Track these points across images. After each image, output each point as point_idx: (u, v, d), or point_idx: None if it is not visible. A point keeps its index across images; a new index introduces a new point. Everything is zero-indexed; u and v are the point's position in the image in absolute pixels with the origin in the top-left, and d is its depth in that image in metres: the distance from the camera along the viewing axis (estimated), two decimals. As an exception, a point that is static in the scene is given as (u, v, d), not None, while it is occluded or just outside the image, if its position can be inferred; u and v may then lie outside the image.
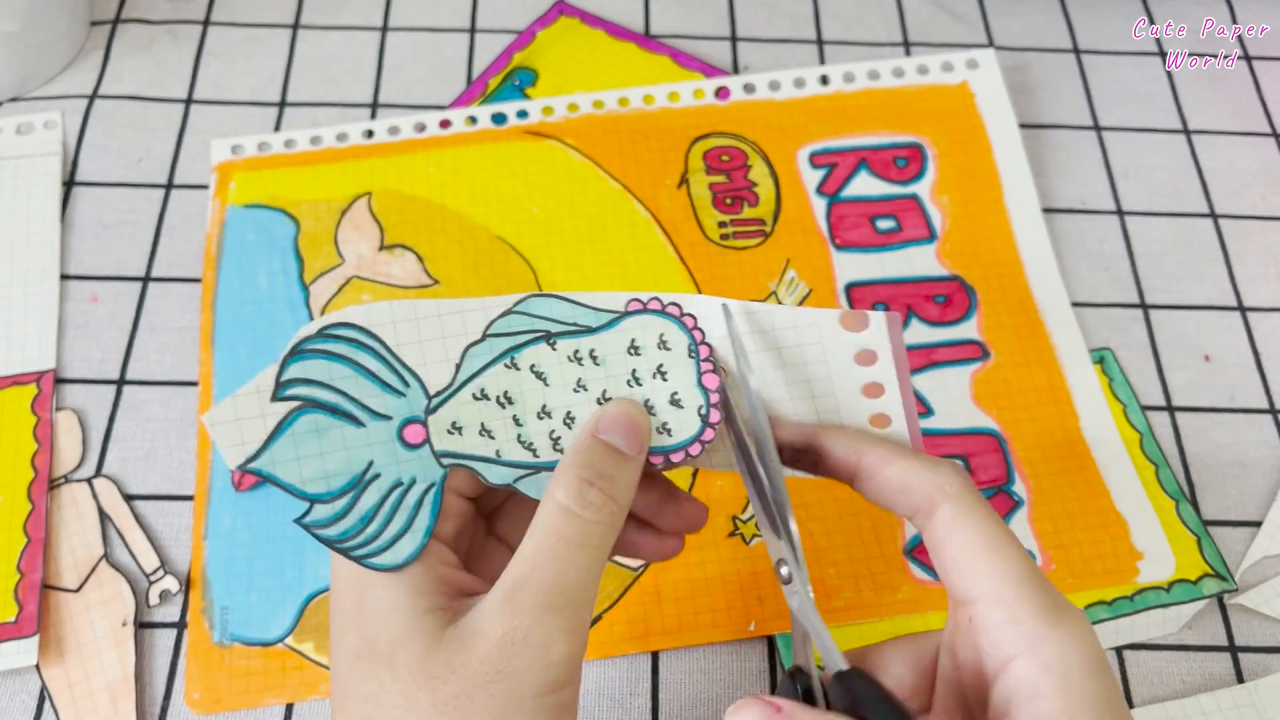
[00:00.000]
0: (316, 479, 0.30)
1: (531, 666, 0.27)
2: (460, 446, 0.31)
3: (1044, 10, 0.62)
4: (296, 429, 0.30)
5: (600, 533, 0.29)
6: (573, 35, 0.59)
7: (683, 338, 0.31)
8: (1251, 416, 0.49)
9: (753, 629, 0.43)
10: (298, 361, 0.30)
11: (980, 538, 0.29)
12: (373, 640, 0.28)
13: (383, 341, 0.30)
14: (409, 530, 0.30)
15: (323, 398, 0.30)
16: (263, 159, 0.54)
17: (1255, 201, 0.55)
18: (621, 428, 0.30)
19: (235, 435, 0.29)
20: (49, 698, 0.41)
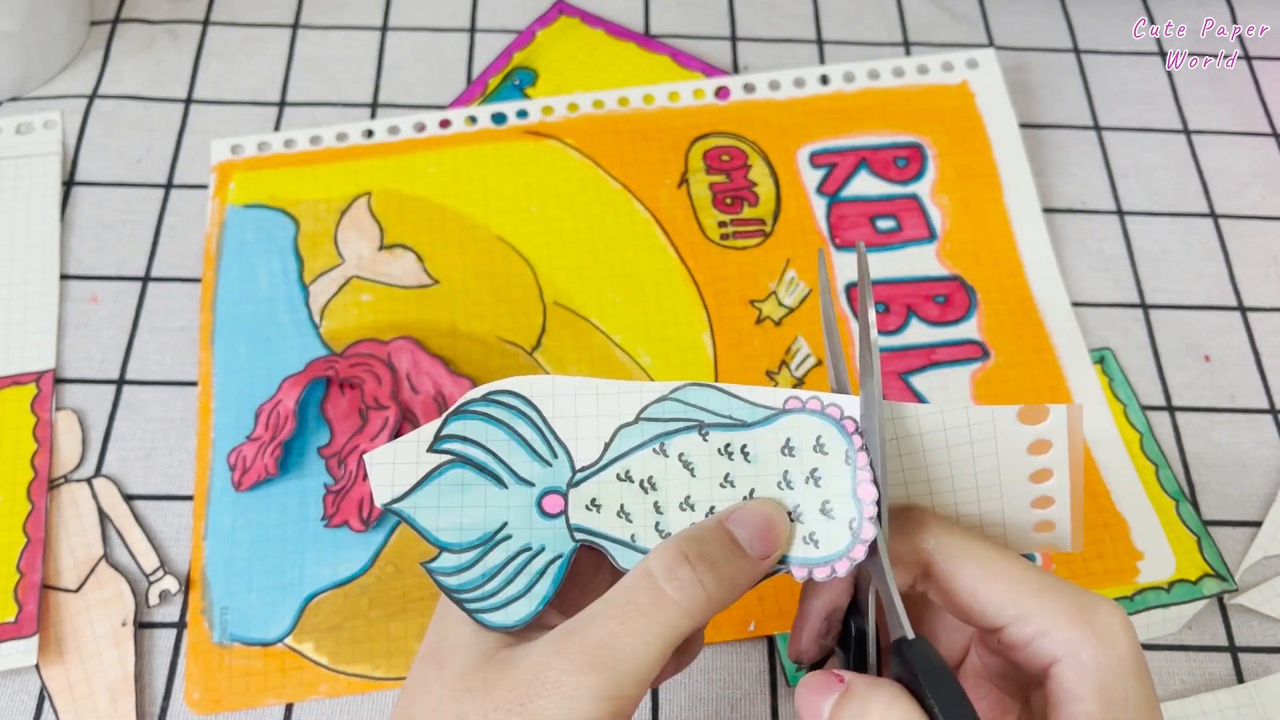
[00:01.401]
0: (451, 529, 0.31)
1: (552, 712, 0.26)
2: (596, 524, 0.31)
3: (1044, 10, 0.62)
4: (444, 480, 0.31)
5: (675, 613, 0.27)
6: (573, 35, 0.59)
7: (841, 443, 0.29)
8: (1251, 416, 0.49)
9: (753, 629, 0.43)
10: (459, 420, 0.31)
11: (982, 565, 0.29)
12: (439, 641, 0.29)
13: (540, 412, 0.31)
14: (526, 595, 0.30)
15: (475, 456, 0.31)
16: (262, 159, 0.54)
17: (1255, 201, 0.55)
18: (753, 525, 0.29)
19: (388, 476, 0.31)
20: (49, 698, 0.41)
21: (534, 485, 0.31)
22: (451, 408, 0.31)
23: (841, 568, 0.29)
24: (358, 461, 0.45)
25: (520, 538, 0.31)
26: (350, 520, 0.44)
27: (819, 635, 0.30)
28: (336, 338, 0.49)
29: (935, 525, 0.30)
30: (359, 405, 0.47)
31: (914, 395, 0.48)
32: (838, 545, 0.29)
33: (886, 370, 0.49)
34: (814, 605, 0.30)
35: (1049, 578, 0.29)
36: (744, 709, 0.42)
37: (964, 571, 0.29)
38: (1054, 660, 0.28)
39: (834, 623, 0.30)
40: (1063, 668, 0.27)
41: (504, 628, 0.30)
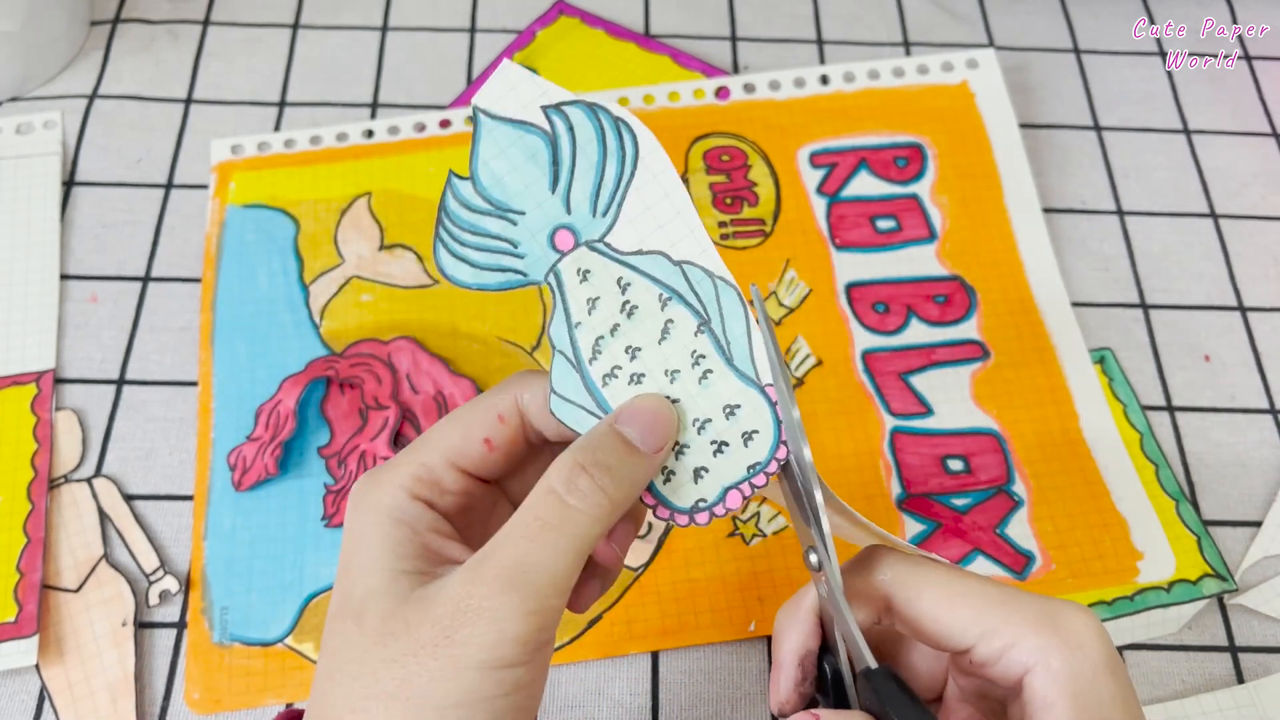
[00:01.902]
0: (492, 174, 0.31)
1: (478, 637, 0.26)
2: (568, 287, 0.31)
3: (1044, 10, 0.62)
4: (527, 137, 0.31)
5: (582, 522, 0.28)
6: (573, 35, 0.59)
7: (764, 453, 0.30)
8: (1251, 416, 0.49)
9: (753, 629, 0.43)
10: (584, 112, 0.31)
11: (940, 588, 0.29)
12: (348, 596, 0.29)
13: (635, 174, 0.31)
14: (476, 268, 0.31)
15: (562, 147, 0.31)
16: (262, 159, 0.54)
17: (1255, 201, 0.55)
18: (643, 422, 0.29)
19: (499, 92, 0.31)
20: (49, 698, 0.41)
21: (570, 213, 0.31)
22: (590, 97, 0.31)
23: (662, 514, 0.30)
24: (358, 460, 0.45)
25: (521, 233, 0.31)
26: (350, 520, 0.44)
27: (796, 683, 0.30)
28: (336, 338, 0.49)
29: (890, 558, 0.30)
30: (359, 405, 0.47)
31: (914, 395, 0.48)
32: (680, 501, 0.30)
33: (887, 370, 0.49)
34: (784, 652, 0.30)
35: (1010, 590, 0.29)
36: (744, 709, 0.42)
37: (923, 597, 0.29)
38: (1025, 670, 0.28)
39: (808, 668, 0.30)
40: (1034, 677, 0.27)
41: (442, 270, 0.31)
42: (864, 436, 0.47)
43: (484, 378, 0.48)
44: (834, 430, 0.47)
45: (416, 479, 0.30)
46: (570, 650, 0.43)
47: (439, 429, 0.31)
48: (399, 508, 0.30)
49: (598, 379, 0.31)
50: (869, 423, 0.47)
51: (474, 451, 0.31)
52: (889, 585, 0.30)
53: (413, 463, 0.30)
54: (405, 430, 0.46)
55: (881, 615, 0.30)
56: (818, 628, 0.30)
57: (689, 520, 0.30)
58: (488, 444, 0.31)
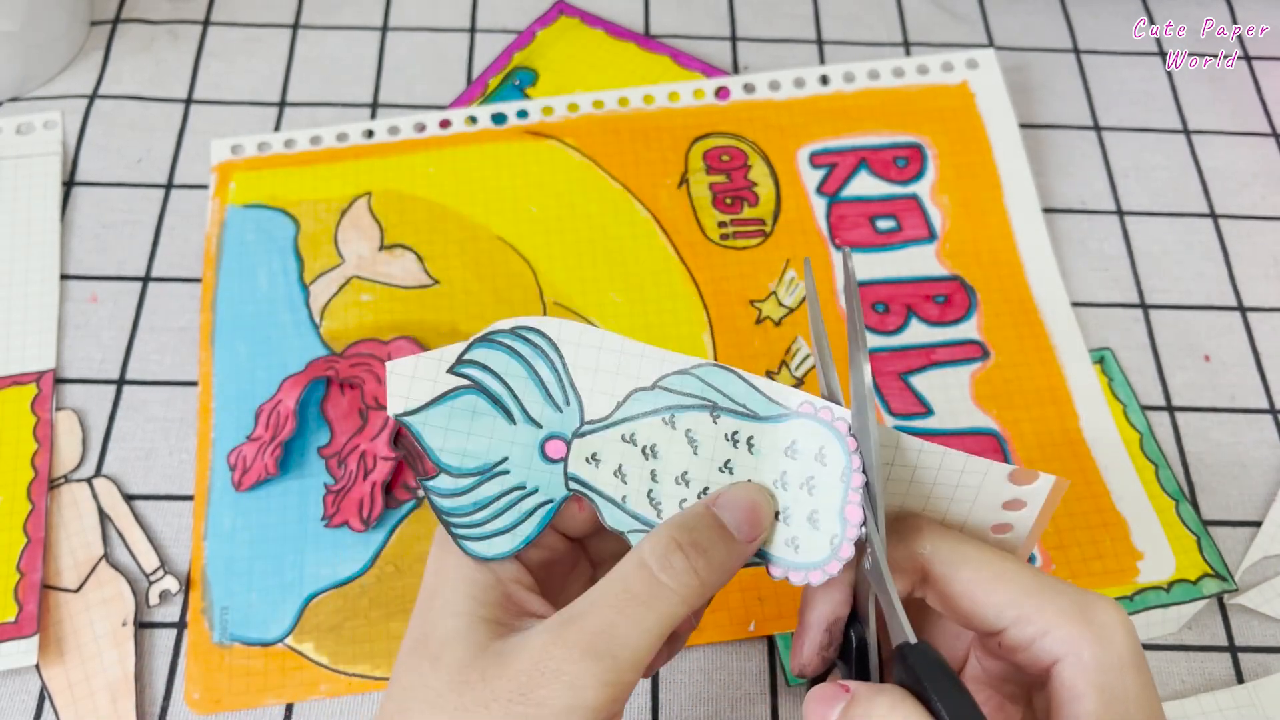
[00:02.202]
0: (454, 453, 0.31)
1: (554, 700, 0.26)
2: (592, 478, 0.31)
3: (1044, 10, 0.62)
4: (457, 404, 0.31)
5: (671, 600, 0.28)
6: (573, 35, 0.59)
7: (840, 459, 0.29)
8: (1251, 416, 0.49)
9: (753, 629, 0.43)
10: (483, 348, 0.31)
11: (978, 568, 0.29)
12: (427, 636, 0.29)
13: (562, 357, 0.31)
14: (510, 532, 0.31)
15: (491, 386, 0.31)
16: (263, 159, 0.54)
17: (1255, 201, 0.55)
18: (739, 510, 0.29)
19: (404, 389, 0.31)
20: (49, 698, 0.41)
21: (541, 427, 0.31)
22: (479, 334, 0.31)
23: (815, 578, 0.29)
24: (358, 460, 0.45)
25: (517, 475, 0.31)
26: (350, 520, 0.44)
27: (821, 647, 0.30)
28: (336, 338, 0.49)
29: (931, 530, 0.30)
30: (359, 405, 0.47)
31: (914, 395, 0.48)
32: (817, 555, 0.29)
33: (887, 370, 0.49)
34: (814, 617, 0.30)
35: (1046, 578, 0.29)
36: (744, 709, 0.42)
37: (961, 575, 0.29)
38: (1055, 660, 0.28)
39: (835, 634, 0.30)
40: (1064, 667, 0.27)
41: (482, 558, 0.30)
42: (864, 436, 0.47)
43: (484, 378, 0.48)
44: (834, 430, 0.47)
45: None
46: (570, 650, 0.42)
47: None
48: None
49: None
50: (869, 423, 0.47)
51: (564, 508, 0.31)
52: (929, 559, 0.29)
53: None
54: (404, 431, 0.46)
55: (916, 587, 0.30)
56: (849, 594, 0.30)
57: (839, 562, 0.29)
58: (579, 503, 0.31)
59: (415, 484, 0.30)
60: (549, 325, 0.31)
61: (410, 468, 0.45)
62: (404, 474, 0.46)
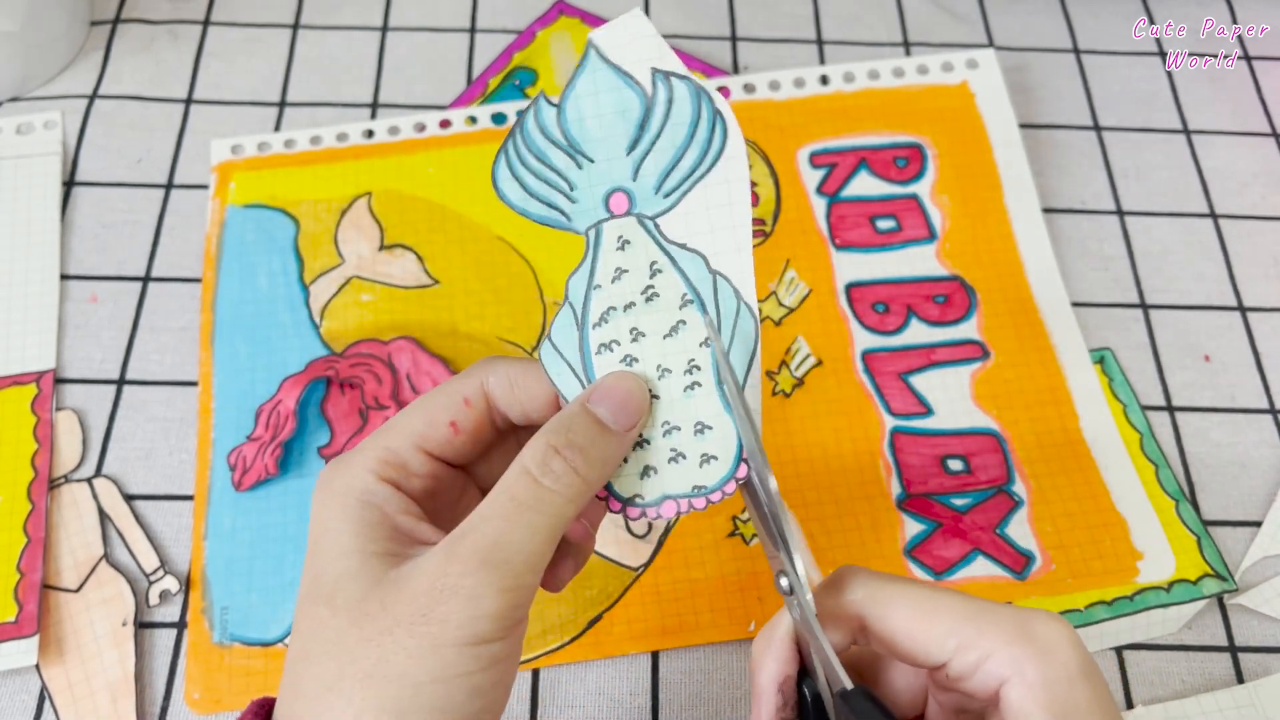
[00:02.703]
0: (578, 111, 0.31)
1: (456, 615, 0.26)
2: (604, 248, 0.31)
3: (1044, 10, 0.62)
4: (625, 93, 0.30)
5: (556, 503, 0.28)
6: (573, 35, 0.59)
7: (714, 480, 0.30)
8: (1251, 416, 0.49)
9: (753, 629, 0.43)
10: (689, 90, 0.30)
11: (913, 605, 0.29)
12: (319, 579, 0.29)
13: (710, 171, 0.31)
14: (526, 195, 0.31)
15: (655, 115, 0.30)
16: (263, 159, 0.54)
17: (1255, 201, 0.55)
18: (614, 400, 0.30)
19: (618, 37, 0.30)
20: (49, 698, 0.41)
21: (635, 180, 0.31)
22: (702, 82, 0.30)
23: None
24: None
25: (581, 179, 0.31)
26: (350, 520, 0.44)
27: (777, 708, 0.30)
28: (336, 338, 0.49)
29: (861, 577, 0.30)
30: (359, 405, 0.47)
31: (914, 395, 0.48)
32: (622, 490, 0.30)
33: (887, 370, 0.49)
34: (764, 680, 0.30)
35: (981, 603, 0.29)
36: (744, 709, 0.42)
37: (896, 614, 0.29)
38: (1001, 681, 0.28)
39: (788, 693, 0.30)
40: (1010, 687, 0.27)
41: (495, 182, 0.31)
42: (864, 436, 0.47)
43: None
44: (834, 430, 0.47)
45: (383, 461, 0.30)
46: (570, 650, 0.43)
47: (404, 414, 0.31)
48: (367, 490, 0.30)
49: (594, 345, 0.31)
50: (869, 423, 0.47)
51: (439, 435, 0.31)
52: (861, 605, 0.30)
53: (378, 446, 0.30)
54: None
55: (856, 636, 0.30)
56: (795, 652, 0.30)
57: (619, 509, 0.30)
58: (453, 427, 0.31)
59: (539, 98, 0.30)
60: (736, 143, 0.30)
61: None
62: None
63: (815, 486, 0.46)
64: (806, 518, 0.45)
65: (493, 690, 0.28)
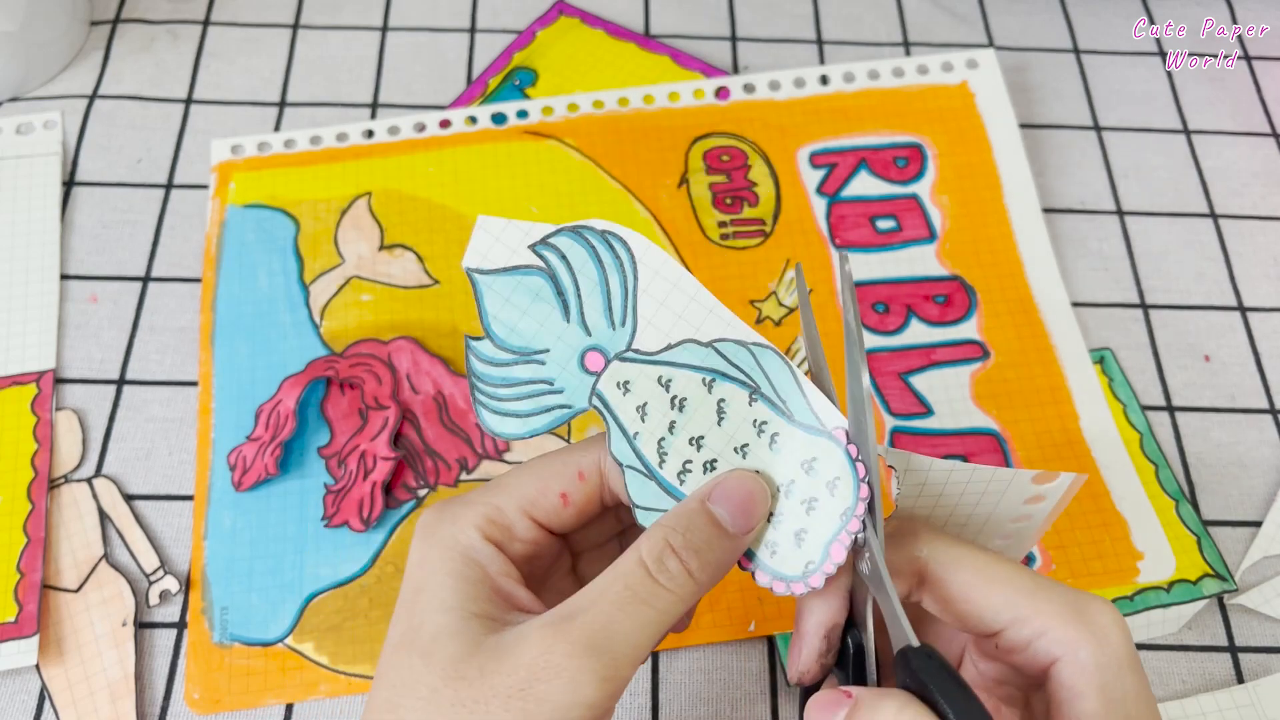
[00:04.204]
0: (504, 325, 0.32)
1: (554, 696, 0.26)
2: (615, 403, 0.31)
3: (1044, 10, 0.62)
4: (525, 281, 0.31)
5: (669, 600, 0.28)
6: (573, 35, 0.59)
7: (849, 497, 0.29)
8: (1251, 416, 0.49)
9: (753, 629, 0.43)
10: (570, 238, 0.31)
11: (975, 571, 0.29)
12: (417, 631, 0.29)
13: (637, 279, 0.31)
14: (523, 419, 0.32)
15: (561, 278, 0.31)
16: (263, 159, 0.54)
17: (1255, 201, 0.55)
18: (734, 502, 0.29)
19: (485, 247, 0.32)
20: (49, 698, 0.41)
21: (590, 336, 0.31)
22: (572, 223, 0.31)
23: (779, 588, 0.30)
24: (358, 460, 0.45)
25: (551, 370, 0.31)
26: (350, 520, 0.44)
27: (819, 654, 0.30)
28: (336, 338, 0.49)
29: (927, 534, 0.30)
30: (359, 405, 0.47)
31: (914, 395, 0.48)
32: (790, 570, 0.30)
33: (887, 370, 0.49)
34: (811, 623, 0.30)
35: (1041, 579, 0.29)
36: (744, 709, 0.42)
37: (958, 577, 0.29)
38: (1053, 660, 0.28)
39: (833, 640, 0.30)
40: (1062, 667, 0.28)
41: (490, 429, 0.32)
42: (864, 436, 0.47)
43: (484, 378, 0.48)
44: (834, 430, 0.47)
45: (490, 520, 0.30)
46: (570, 650, 0.42)
47: (517, 476, 0.31)
48: (472, 546, 0.30)
49: (673, 479, 0.31)
50: (869, 423, 0.47)
51: (549, 504, 0.31)
52: (925, 561, 0.30)
53: (487, 504, 0.31)
54: (405, 430, 0.46)
55: (913, 590, 0.30)
56: (846, 601, 0.30)
57: (805, 587, 0.29)
58: (564, 499, 0.31)
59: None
60: (637, 243, 0.31)
61: (410, 466, 0.46)
62: (404, 474, 0.46)
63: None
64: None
65: None
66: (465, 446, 0.46)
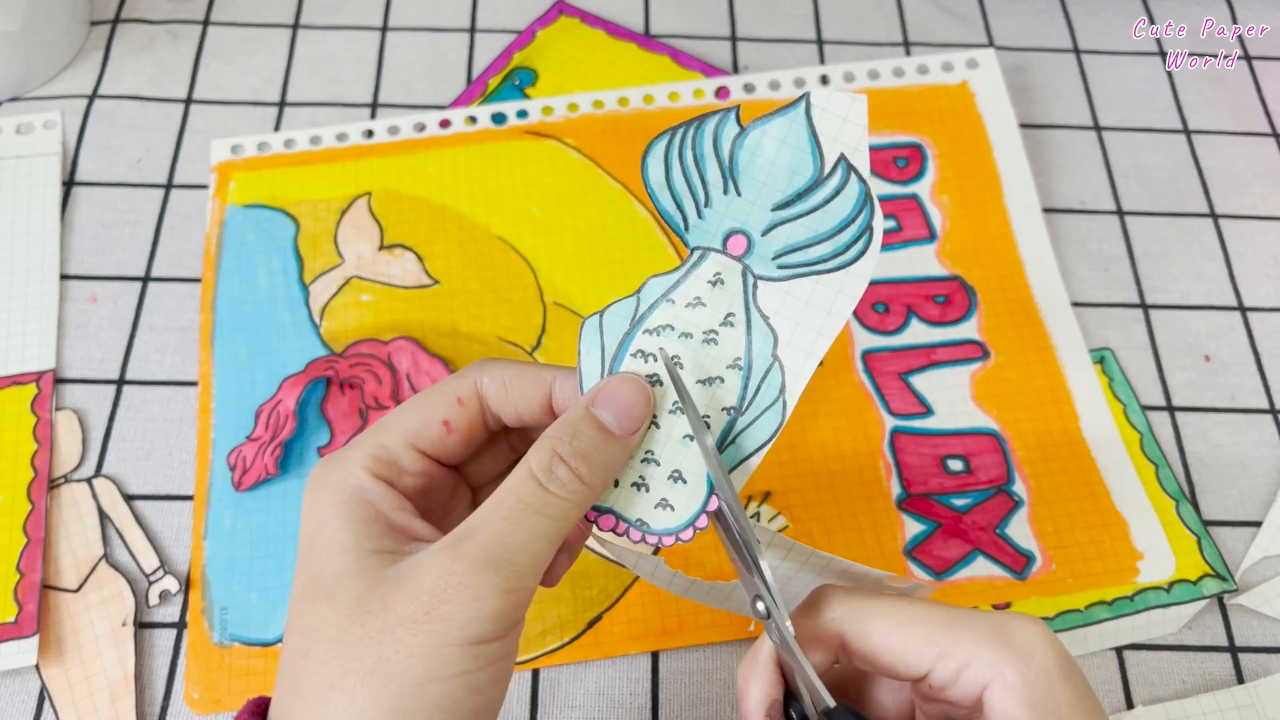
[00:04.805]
0: (754, 146, 0.30)
1: (458, 614, 0.27)
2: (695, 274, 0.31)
3: (1044, 10, 0.62)
4: (805, 157, 0.30)
5: (561, 508, 0.28)
6: (573, 35, 0.59)
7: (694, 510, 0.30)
8: (1251, 416, 0.49)
9: (753, 629, 0.43)
10: (862, 189, 0.30)
11: (890, 617, 0.29)
12: (318, 576, 0.29)
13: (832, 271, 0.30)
14: (664, 184, 0.31)
15: (817, 195, 0.30)
16: (262, 159, 0.54)
17: (1255, 201, 0.55)
18: (618, 405, 0.30)
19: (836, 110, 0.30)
20: (49, 698, 0.41)
21: (762, 236, 0.31)
22: (874, 187, 0.31)
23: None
24: None
25: (718, 204, 0.31)
26: (350, 520, 0.44)
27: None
28: (336, 338, 0.49)
29: (838, 594, 0.30)
30: (359, 405, 0.47)
31: (914, 395, 0.48)
32: (631, 513, 0.30)
33: (887, 370, 0.49)
34: (749, 706, 0.30)
35: (958, 611, 0.29)
36: (744, 709, 0.42)
37: (875, 630, 0.29)
38: (983, 686, 0.28)
39: (775, 716, 0.31)
40: (992, 692, 0.28)
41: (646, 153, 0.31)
42: (864, 437, 0.47)
43: (484, 378, 0.48)
44: (834, 430, 0.47)
45: (376, 459, 0.30)
46: (570, 650, 0.43)
47: (397, 412, 0.31)
48: (361, 487, 0.30)
49: (634, 345, 0.31)
50: (869, 423, 0.47)
51: (432, 434, 0.31)
52: (839, 623, 0.30)
53: (372, 443, 0.31)
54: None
55: (838, 654, 0.31)
56: (779, 676, 0.30)
57: (639, 537, 0.30)
58: (446, 426, 0.31)
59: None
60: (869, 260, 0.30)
61: None
62: (404, 474, 0.46)
63: (815, 487, 0.46)
64: (807, 517, 0.45)
65: (491, 688, 0.28)
66: (465, 446, 0.46)
